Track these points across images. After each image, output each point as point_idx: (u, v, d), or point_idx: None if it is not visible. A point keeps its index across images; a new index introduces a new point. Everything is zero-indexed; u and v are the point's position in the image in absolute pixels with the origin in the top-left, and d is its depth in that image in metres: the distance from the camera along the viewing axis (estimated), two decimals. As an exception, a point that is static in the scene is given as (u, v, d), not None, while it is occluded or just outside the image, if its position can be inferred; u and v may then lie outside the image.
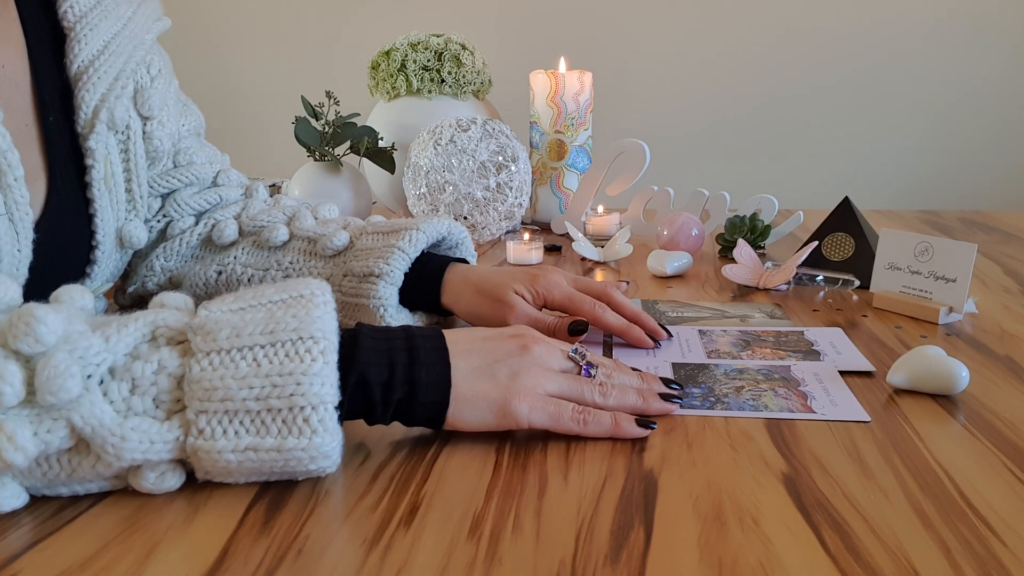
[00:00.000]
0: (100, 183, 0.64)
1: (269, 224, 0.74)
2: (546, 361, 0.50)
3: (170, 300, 0.46)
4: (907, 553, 0.37)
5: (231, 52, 2.41)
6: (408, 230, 0.68)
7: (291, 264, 0.72)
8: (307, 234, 0.73)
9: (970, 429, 0.51)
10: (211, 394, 0.40)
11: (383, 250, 0.67)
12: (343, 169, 1.18)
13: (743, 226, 1.01)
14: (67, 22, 0.63)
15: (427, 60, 1.24)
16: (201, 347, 0.41)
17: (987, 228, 1.25)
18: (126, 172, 0.68)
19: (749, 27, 2.17)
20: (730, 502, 0.41)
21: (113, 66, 0.65)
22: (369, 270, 0.67)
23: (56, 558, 0.37)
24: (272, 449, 0.41)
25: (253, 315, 0.43)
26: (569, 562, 0.36)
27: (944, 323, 0.74)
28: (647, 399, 0.52)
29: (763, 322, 0.74)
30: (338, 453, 0.43)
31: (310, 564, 0.36)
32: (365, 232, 0.71)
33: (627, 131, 1.36)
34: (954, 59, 2.12)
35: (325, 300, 0.45)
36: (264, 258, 0.73)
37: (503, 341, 0.50)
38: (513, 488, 0.43)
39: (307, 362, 0.41)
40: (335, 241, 0.70)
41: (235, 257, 0.73)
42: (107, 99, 0.64)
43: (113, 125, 0.65)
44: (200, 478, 0.42)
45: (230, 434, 0.41)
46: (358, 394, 0.45)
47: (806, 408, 0.54)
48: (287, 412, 0.41)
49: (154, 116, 0.70)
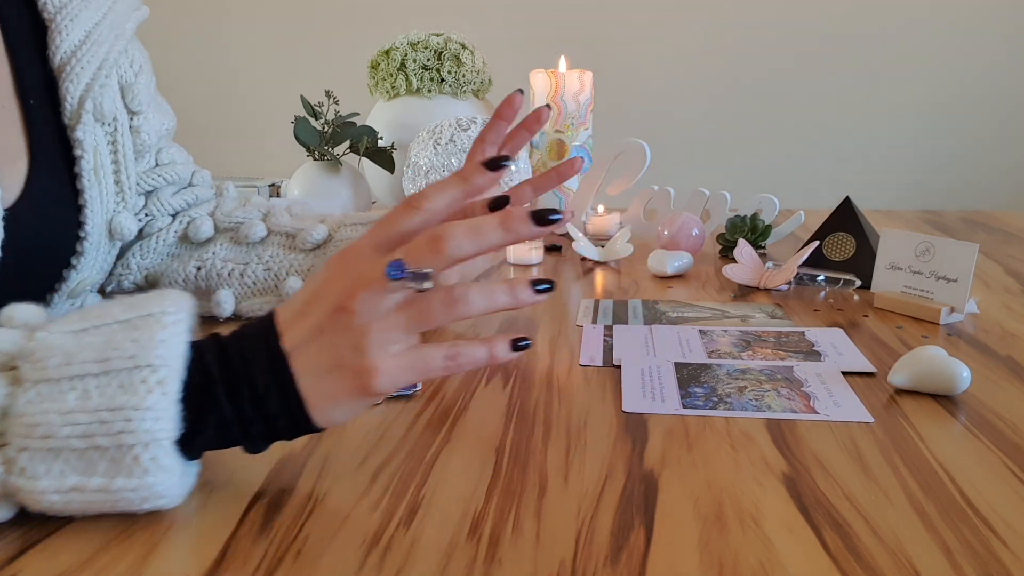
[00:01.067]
0: (90, 174, 0.65)
1: (246, 221, 0.75)
2: (376, 309, 0.41)
3: (19, 314, 0.42)
4: (908, 553, 0.37)
5: (231, 52, 2.41)
6: None
7: (271, 258, 0.74)
8: (285, 229, 0.74)
9: (971, 429, 0.51)
10: (32, 430, 0.37)
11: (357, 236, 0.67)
12: (343, 169, 1.18)
13: (744, 226, 1.01)
14: (47, 13, 0.64)
15: (427, 59, 1.24)
16: (29, 376, 0.37)
17: (988, 228, 1.25)
18: (114, 164, 0.68)
19: (749, 27, 2.17)
20: (730, 502, 0.41)
21: (96, 56, 0.65)
22: None
23: (56, 558, 0.37)
24: (99, 490, 0.37)
25: (92, 338, 0.39)
26: (569, 562, 0.36)
27: (945, 323, 0.74)
28: (516, 290, 0.43)
29: (764, 322, 0.74)
30: (178, 490, 0.39)
31: (310, 564, 0.36)
32: (344, 224, 0.73)
33: (627, 131, 1.36)
34: (955, 59, 2.12)
35: (176, 320, 0.40)
36: (243, 253, 0.75)
37: (328, 316, 0.41)
38: (513, 488, 0.43)
39: (141, 394, 0.37)
40: (314, 235, 0.72)
41: (214, 252, 0.75)
42: (92, 88, 0.65)
43: (100, 116, 0.66)
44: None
45: (54, 473, 0.37)
46: (217, 432, 0.40)
47: (809, 409, 0.53)
48: (115, 450, 0.37)
49: (142, 111, 0.71)
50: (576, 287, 0.88)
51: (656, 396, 0.56)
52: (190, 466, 0.41)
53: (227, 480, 0.44)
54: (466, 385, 0.58)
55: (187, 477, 0.41)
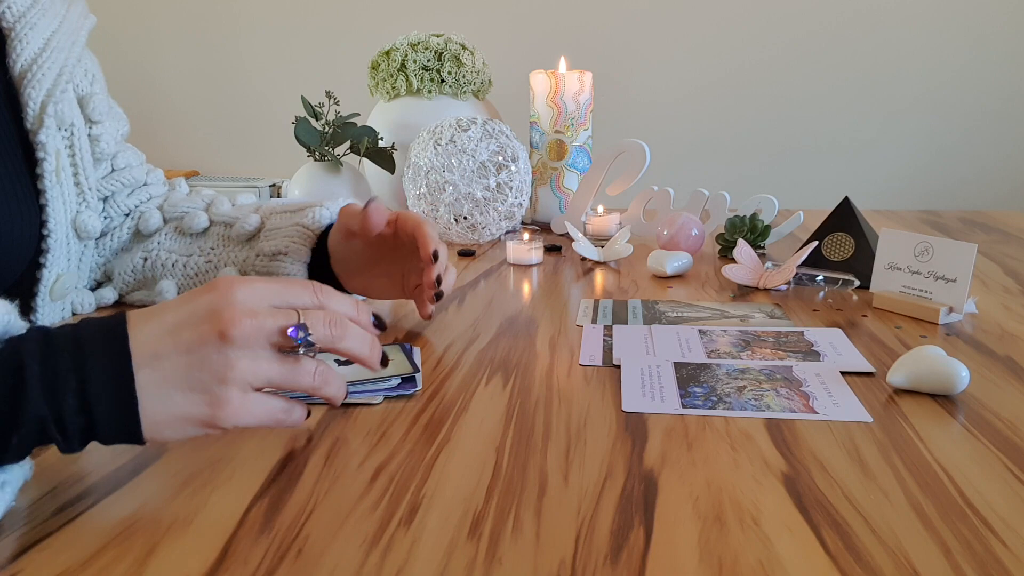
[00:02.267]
0: (52, 175, 0.67)
1: (190, 211, 0.78)
2: (253, 348, 0.40)
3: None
4: (907, 553, 0.37)
5: (232, 52, 2.41)
6: (312, 207, 0.72)
7: (212, 250, 0.76)
8: (223, 219, 0.76)
9: (970, 429, 0.51)
10: None
11: (289, 228, 0.71)
12: (343, 169, 1.18)
13: (743, 226, 1.01)
14: (6, 23, 0.66)
15: (427, 60, 1.24)
16: None
17: (987, 228, 1.25)
18: (73, 167, 0.71)
19: (750, 28, 2.17)
20: (730, 502, 0.41)
21: (55, 63, 0.68)
22: (276, 248, 0.70)
23: (56, 558, 0.37)
24: None
25: None
26: (569, 562, 0.36)
27: (944, 323, 0.74)
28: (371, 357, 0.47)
29: (763, 322, 0.74)
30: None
31: (310, 564, 0.36)
32: (275, 212, 0.74)
33: (627, 131, 1.36)
34: (954, 59, 2.12)
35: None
36: (187, 244, 0.77)
37: (197, 328, 0.40)
38: (513, 488, 0.43)
39: None
40: (246, 225, 0.74)
41: (159, 243, 0.77)
42: (53, 94, 0.67)
43: (60, 122, 0.68)
44: None
45: None
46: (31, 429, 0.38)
47: (808, 409, 0.54)
48: None
49: (101, 120, 0.74)
50: (576, 287, 0.89)
51: (656, 396, 0.56)
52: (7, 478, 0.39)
53: (227, 480, 0.44)
54: (466, 385, 0.58)
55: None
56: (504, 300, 0.82)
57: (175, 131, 2.44)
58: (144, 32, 2.41)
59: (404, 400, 0.55)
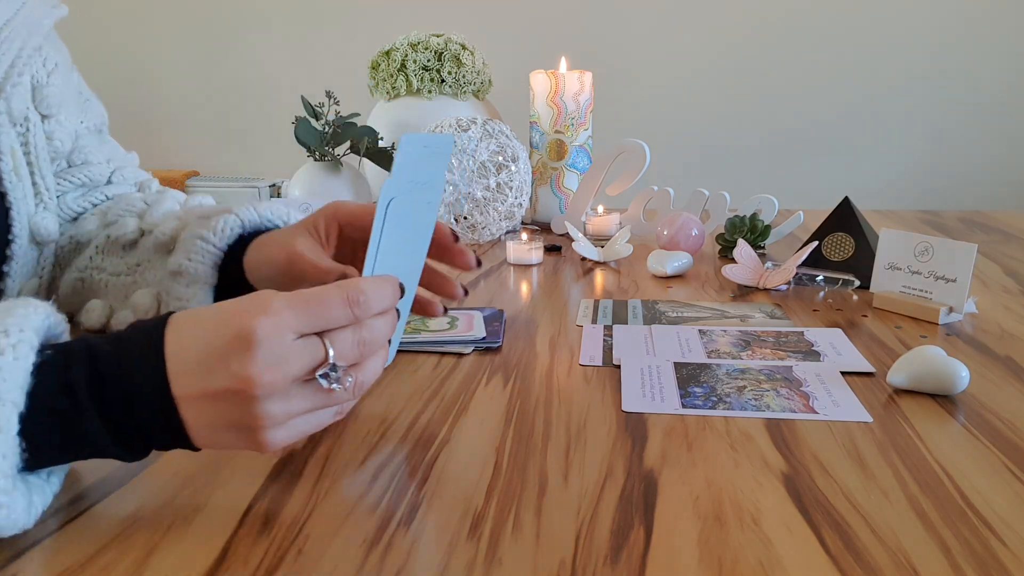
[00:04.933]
0: (11, 174, 0.62)
1: (121, 217, 0.69)
2: (281, 391, 0.39)
3: None
4: (907, 553, 0.37)
5: (231, 52, 2.41)
6: (220, 215, 0.60)
7: (137, 267, 0.66)
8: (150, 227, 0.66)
9: (970, 429, 0.51)
10: None
11: (189, 241, 0.60)
12: (343, 169, 1.18)
13: (743, 226, 1.01)
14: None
15: (427, 60, 1.24)
16: None
17: (987, 228, 1.25)
18: (29, 165, 0.66)
19: (749, 28, 2.17)
20: (730, 502, 0.41)
21: (7, 54, 0.63)
22: (176, 266, 0.60)
23: (56, 558, 0.37)
24: None
25: None
26: (569, 562, 0.36)
27: (944, 323, 0.74)
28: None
29: (763, 322, 0.74)
30: (23, 519, 0.37)
31: (310, 564, 0.36)
32: (194, 218, 0.63)
33: (627, 131, 1.36)
34: (954, 60, 2.12)
35: (17, 341, 0.36)
36: (117, 260, 0.68)
37: (226, 390, 0.38)
38: (513, 488, 0.43)
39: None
40: (160, 236, 0.64)
41: (90, 258, 0.69)
42: (3, 88, 0.62)
43: (12, 118, 0.64)
44: None
45: None
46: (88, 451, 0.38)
47: (808, 408, 0.54)
48: None
49: (52, 115, 0.68)
50: (576, 287, 0.89)
51: (656, 396, 0.56)
52: (41, 490, 0.39)
53: (227, 480, 0.44)
54: (466, 385, 0.58)
55: (33, 506, 0.38)
56: (504, 300, 0.82)
57: (175, 131, 2.44)
58: (144, 32, 2.41)
59: (404, 400, 0.55)
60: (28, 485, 0.38)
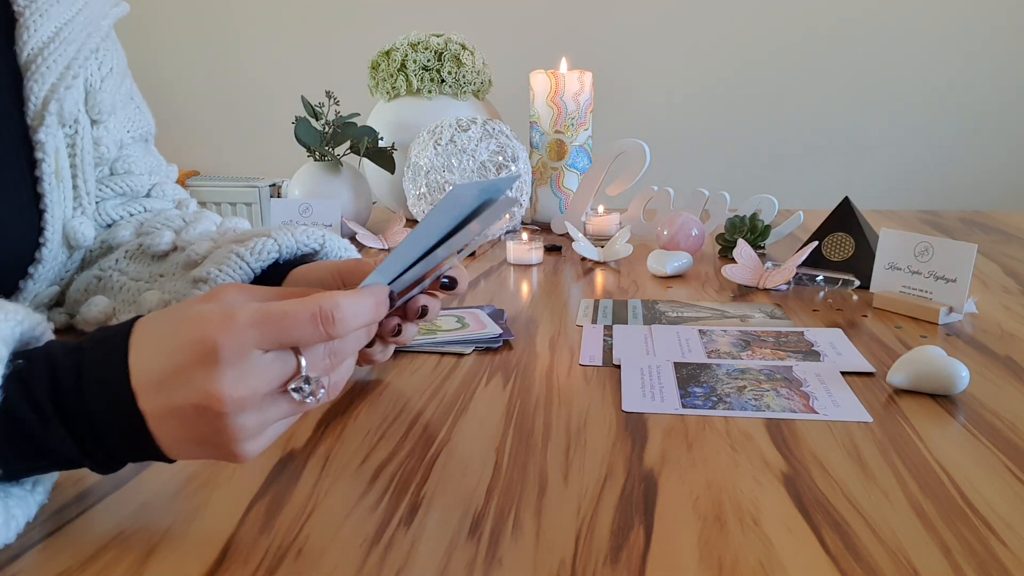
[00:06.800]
0: (51, 177, 0.62)
1: (158, 229, 0.68)
2: (253, 406, 0.37)
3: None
4: (907, 553, 0.37)
5: (232, 52, 2.42)
6: (258, 238, 0.59)
7: (161, 277, 0.65)
8: (185, 244, 0.66)
9: (970, 429, 0.51)
10: None
11: (223, 254, 0.59)
12: (343, 169, 1.18)
13: (743, 226, 1.01)
14: (17, 6, 0.61)
15: (427, 60, 1.24)
16: None
17: (987, 228, 1.25)
18: (72, 168, 0.65)
19: (750, 28, 2.17)
20: (730, 502, 0.41)
21: (64, 55, 0.62)
22: (201, 274, 0.59)
23: (56, 558, 0.37)
24: None
25: None
26: (569, 562, 0.36)
27: (944, 323, 0.74)
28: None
29: (763, 322, 0.74)
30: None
31: (310, 564, 0.36)
32: (225, 241, 0.63)
33: (627, 131, 1.36)
34: (955, 60, 2.12)
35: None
36: (142, 267, 0.67)
37: (193, 407, 0.36)
38: (513, 488, 0.43)
39: None
40: (192, 254, 0.63)
41: (116, 260, 0.68)
42: (56, 90, 0.62)
43: (63, 119, 0.63)
44: None
45: None
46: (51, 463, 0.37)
47: (808, 409, 0.54)
48: None
49: (102, 120, 0.67)
50: (576, 287, 0.89)
51: (656, 396, 0.56)
52: (23, 502, 0.38)
53: (227, 480, 0.44)
54: (466, 385, 0.58)
55: (13, 519, 0.37)
56: (504, 300, 0.82)
57: (175, 131, 2.44)
58: (144, 32, 2.41)
59: (404, 400, 0.55)
60: (6, 498, 0.37)
